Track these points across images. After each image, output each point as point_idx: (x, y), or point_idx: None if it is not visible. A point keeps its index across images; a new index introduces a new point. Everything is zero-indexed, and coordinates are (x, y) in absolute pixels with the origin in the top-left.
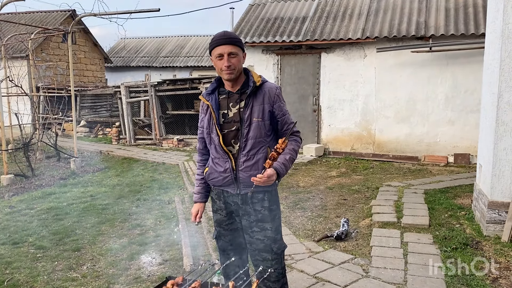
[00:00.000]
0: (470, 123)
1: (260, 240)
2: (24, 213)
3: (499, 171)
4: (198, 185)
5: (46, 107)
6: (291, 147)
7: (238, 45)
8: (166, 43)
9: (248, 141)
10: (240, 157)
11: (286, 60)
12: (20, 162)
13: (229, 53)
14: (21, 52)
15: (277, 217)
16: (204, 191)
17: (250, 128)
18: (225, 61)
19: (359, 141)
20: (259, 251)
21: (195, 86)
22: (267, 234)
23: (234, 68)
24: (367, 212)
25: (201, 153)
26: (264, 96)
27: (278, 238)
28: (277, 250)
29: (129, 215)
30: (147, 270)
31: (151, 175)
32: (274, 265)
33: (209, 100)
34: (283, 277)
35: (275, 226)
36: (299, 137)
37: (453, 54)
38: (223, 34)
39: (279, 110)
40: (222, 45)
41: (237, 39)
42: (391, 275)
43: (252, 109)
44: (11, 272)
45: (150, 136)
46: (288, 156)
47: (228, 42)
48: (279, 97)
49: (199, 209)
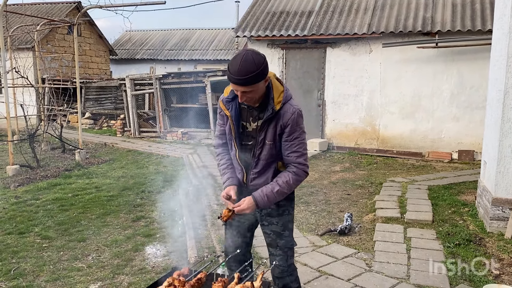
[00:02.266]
0: (475, 120)
1: (266, 234)
2: (30, 203)
3: (504, 168)
4: (226, 172)
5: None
6: (285, 180)
7: (253, 84)
8: (171, 36)
9: (260, 162)
10: (250, 173)
11: (292, 54)
12: (25, 153)
13: (242, 91)
14: (26, 43)
15: (287, 213)
16: (234, 175)
17: (262, 150)
18: (240, 97)
19: (363, 137)
20: (267, 245)
21: (199, 79)
22: (272, 228)
23: (250, 101)
24: (370, 207)
25: (221, 146)
26: (279, 119)
27: (286, 235)
28: (283, 246)
29: (134, 207)
30: (152, 261)
31: (155, 168)
32: (279, 261)
33: (229, 109)
34: (289, 275)
35: (282, 221)
36: (302, 171)
37: (459, 50)
38: (236, 72)
39: (288, 134)
40: (235, 84)
41: (251, 80)
42: (394, 269)
43: (266, 133)
44: (18, 261)
45: (154, 128)
46: (277, 189)
47: (240, 83)
48: (293, 122)
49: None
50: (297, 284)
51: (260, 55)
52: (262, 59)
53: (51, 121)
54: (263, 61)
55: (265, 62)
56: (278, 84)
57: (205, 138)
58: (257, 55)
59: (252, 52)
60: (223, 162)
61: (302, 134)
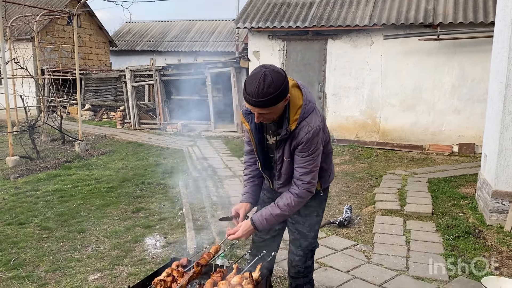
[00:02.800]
0: (476, 113)
1: (291, 231)
2: (30, 194)
3: (504, 161)
4: (246, 185)
5: (51, 90)
6: (286, 202)
7: (271, 106)
8: (171, 27)
9: (282, 175)
10: (276, 184)
11: (292, 46)
12: (25, 144)
13: (259, 112)
14: (26, 34)
15: (315, 215)
16: (252, 191)
17: (282, 166)
18: (256, 117)
19: (363, 129)
20: (290, 243)
21: (200, 71)
22: (298, 227)
23: (268, 121)
24: (370, 199)
25: (247, 153)
26: (294, 138)
27: (310, 236)
28: (305, 248)
29: (134, 198)
30: (151, 252)
31: (155, 159)
32: (297, 261)
33: (248, 122)
34: (304, 277)
35: (309, 222)
36: (305, 191)
37: (461, 42)
38: (253, 93)
39: (300, 150)
40: (251, 106)
41: (269, 103)
42: (393, 261)
43: (284, 150)
44: (17, 252)
45: (154, 120)
46: (277, 212)
47: (258, 106)
48: (307, 140)
49: (241, 208)
50: (310, 286)
51: (280, 74)
52: (282, 78)
53: (51, 112)
54: (283, 80)
55: (285, 81)
56: (297, 95)
57: (205, 130)
58: (276, 74)
59: (272, 70)
60: (246, 172)
61: (314, 152)
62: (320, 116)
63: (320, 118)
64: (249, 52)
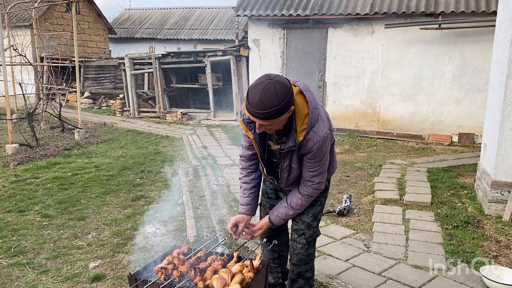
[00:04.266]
0: (476, 103)
1: (295, 221)
2: (30, 182)
3: (504, 151)
4: (247, 195)
5: (50, 77)
6: (299, 202)
7: (274, 119)
8: (171, 14)
9: (289, 181)
10: (282, 184)
11: (293, 34)
12: (24, 132)
13: (261, 124)
14: (24, 21)
15: (318, 204)
16: (254, 203)
17: (289, 173)
18: (257, 128)
19: (363, 119)
20: (293, 231)
21: (199, 59)
22: (303, 218)
23: (269, 131)
24: (369, 189)
25: (246, 159)
26: (302, 147)
27: (314, 225)
28: (308, 236)
29: (134, 187)
30: (151, 240)
31: (155, 148)
32: (300, 249)
33: (251, 130)
34: (305, 264)
35: (313, 212)
36: (315, 190)
37: (462, 32)
38: (256, 104)
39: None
40: (253, 116)
41: (272, 116)
42: (392, 250)
43: (291, 159)
44: (18, 239)
45: (154, 109)
46: (291, 213)
47: (259, 118)
48: (317, 149)
49: (242, 221)
50: (311, 274)
51: (284, 85)
52: (286, 90)
53: (50, 100)
54: (287, 92)
55: (290, 93)
56: (302, 104)
57: (204, 119)
58: (280, 86)
59: (276, 81)
60: (246, 180)
61: (323, 156)
62: (326, 119)
63: (326, 122)
64: (249, 40)
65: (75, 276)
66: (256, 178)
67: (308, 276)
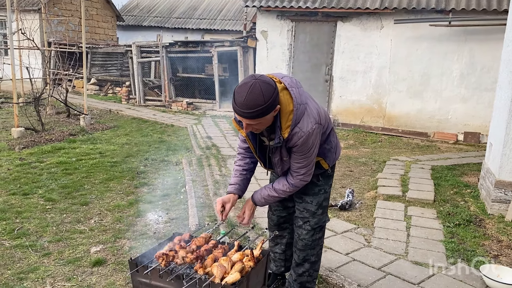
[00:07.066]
0: (483, 102)
1: (299, 210)
2: (34, 165)
3: (509, 151)
4: (237, 176)
5: (57, 62)
6: (283, 188)
7: (260, 118)
8: (179, 3)
9: (284, 171)
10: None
11: (301, 27)
12: (30, 116)
13: (248, 123)
14: (33, 5)
15: (323, 192)
16: (242, 183)
17: (282, 166)
18: (244, 127)
19: (369, 114)
20: (296, 217)
21: (206, 49)
22: (306, 206)
23: (257, 131)
24: (372, 184)
25: (242, 148)
26: (288, 142)
27: (319, 213)
28: (314, 223)
29: (137, 174)
30: (153, 227)
31: (159, 136)
32: (305, 235)
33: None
34: (311, 249)
35: (317, 200)
36: (300, 181)
37: (472, 30)
38: (242, 103)
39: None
40: (239, 116)
41: (258, 114)
42: (393, 246)
43: (281, 154)
44: (21, 221)
45: (159, 97)
46: (274, 194)
47: (245, 117)
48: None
49: (229, 201)
50: (317, 258)
51: (269, 85)
52: (271, 89)
53: (56, 85)
54: (273, 91)
55: (275, 93)
56: (287, 101)
57: (210, 109)
58: (266, 85)
59: (261, 81)
60: (239, 163)
61: (309, 150)
62: (314, 113)
63: (313, 117)
64: (257, 32)
65: (77, 260)
66: (250, 163)
67: (313, 260)
